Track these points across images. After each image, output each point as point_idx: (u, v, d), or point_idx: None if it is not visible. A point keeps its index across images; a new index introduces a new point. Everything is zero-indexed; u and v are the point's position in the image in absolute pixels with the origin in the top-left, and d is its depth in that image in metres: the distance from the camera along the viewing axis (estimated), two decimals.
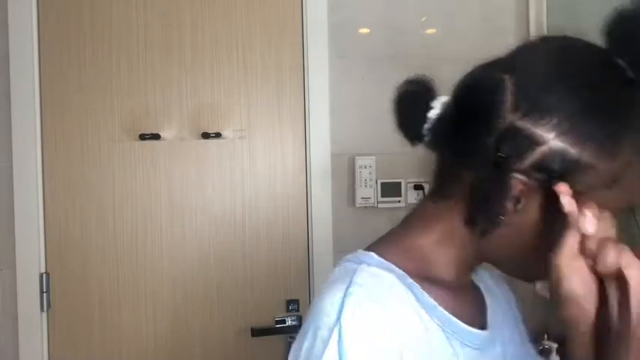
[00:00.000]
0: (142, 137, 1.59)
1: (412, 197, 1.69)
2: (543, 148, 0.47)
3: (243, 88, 1.65)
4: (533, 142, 0.47)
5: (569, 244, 0.45)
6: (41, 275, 1.54)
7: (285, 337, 1.64)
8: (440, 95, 0.54)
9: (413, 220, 0.59)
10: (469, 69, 0.55)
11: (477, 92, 0.50)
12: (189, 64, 1.62)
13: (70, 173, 1.57)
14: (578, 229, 0.45)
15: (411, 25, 1.73)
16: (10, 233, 1.52)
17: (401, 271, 0.52)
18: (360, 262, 0.53)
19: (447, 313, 0.52)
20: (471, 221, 0.53)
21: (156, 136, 1.60)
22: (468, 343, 0.53)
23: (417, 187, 1.68)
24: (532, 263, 0.52)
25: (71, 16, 1.58)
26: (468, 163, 0.51)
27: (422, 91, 0.55)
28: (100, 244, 1.58)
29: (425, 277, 0.53)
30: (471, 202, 0.52)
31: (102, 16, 1.59)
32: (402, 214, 0.62)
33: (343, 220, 1.68)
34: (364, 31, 1.72)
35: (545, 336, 1.51)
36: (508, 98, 0.48)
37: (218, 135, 1.63)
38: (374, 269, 0.51)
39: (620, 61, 0.48)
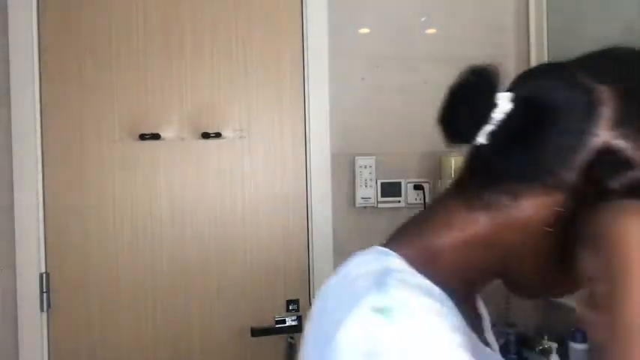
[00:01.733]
0: (142, 137, 1.59)
1: (412, 197, 1.69)
2: (637, 173, 0.42)
3: (243, 88, 1.65)
4: (630, 165, 0.42)
5: None
6: (41, 275, 1.54)
7: (285, 337, 1.64)
8: (503, 92, 0.46)
9: (436, 221, 0.50)
10: (534, 67, 0.50)
11: (568, 102, 0.44)
12: (189, 64, 1.62)
13: (70, 173, 1.57)
14: None
15: (411, 25, 1.73)
16: (10, 233, 1.52)
17: (438, 290, 0.44)
18: (387, 257, 0.47)
19: (468, 328, 0.47)
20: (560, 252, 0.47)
21: (156, 136, 1.60)
22: None
23: (417, 187, 1.68)
24: (553, 282, 0.49)
25: (71, 16, 1.58)
26: (538, 179, 0.45)
27: (486, 85, 0.45)
28: (100, 244, 1.58)
29: (444, 285, 0.46)
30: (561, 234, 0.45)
31: (102, 16, 1.59)
32: (402, 214, 0.60)
33: (343, 220, 1.68)
34: (364, 31, 1.72)
35: (545, 336, 1.51)
36: (606, 113, 0.43)
37: (218, 135, 1.63)
38: (404, 267, 0.45)
39: None
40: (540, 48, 1.68)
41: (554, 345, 1.47)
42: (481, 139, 0.45)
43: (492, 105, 0.44)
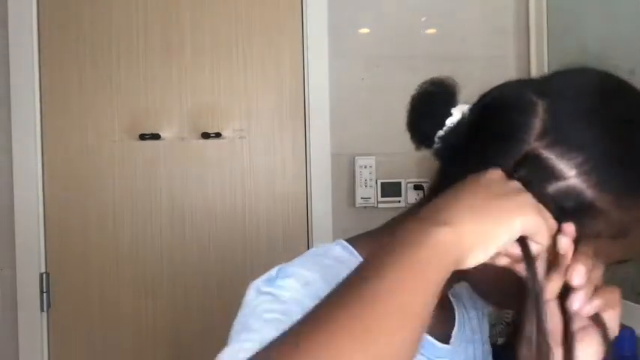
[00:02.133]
0: (142, 137, 1.59)
1: (412, 197, 1.69)
2: (561, 184, 0.44)
3: (243, 88, 1.65)
4: (553, 175, 0.45)
5: (553, 287, 0.42)
6: (41, 275, 1.54)
7: None
8: (461, 103, 0.51)
9: (397, 219, 0.58)
10: (501, 84, 0.53)
11: (505, 110, 0.48)
12: (189, 64, 1.62)
13: (70, 173, 1.57)
14: (565, 276, 0.42)
15: (411, 25, 1.73)
16: (10, 233, 1.52)
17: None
18: (333, 245, 0.56)
19: None
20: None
21: (156, 136, 1.60)
22: (425, 354, 0.53)
23: (417, 187, 1.68)
24: (506, 291, 0.48)
25: (71, 16, 1.58)
26: None
27: (443, 94, 0.52)
28: (100, 244, 1.58)
29: None
30: None
31: (102, 16, 1.59)
32: None
33: (343, 220, 1.68)
34: (364, 31, 1.72)
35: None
36: (537, 124, 0.46)
37: (218, 135, 1.63)
38: (344, 254, 0.54)
39: None
40: (540, 48, 1.68)
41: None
42: (436, 144, 0.51)
43: (447, 114, 0.50)
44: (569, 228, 0.43)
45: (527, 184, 0.43)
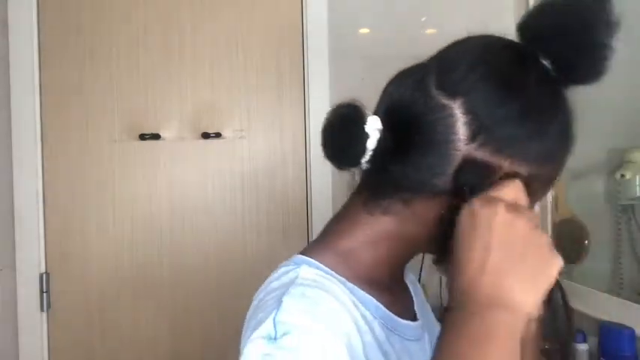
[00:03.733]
0: (142, 137, 1.59)
1: None
2: (499, 173, 0.49)
3: (243, 88, 1.65)
4: (493, 170, 0.49)
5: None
6: (41, 275, 1.54)
7: None
8: (370, 117, 0.52)
9: (345, 226, 0.60)
10: (400, 72, 0.57)
11: (422, 121, 0.50)
12: (189, 64, 1.62)
13: (70, 173, 1.57)
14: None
15: (411, 25, 1.73)
16: (10, 233, 1.52)
17: (341, 277, 0.54)
18: (299, 267, 0.55)
19: (387, 311, 0.56)
20: (435, 250, 0.56)
21: (156, 136, 1.60)
22: (408, 337, 0.58)
23: None
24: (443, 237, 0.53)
25: (71, 16, 1.58)
26: (419, 190, 0.52)
27: (355, 117, 0.52)
28: (100, 244, 1.58)
29: (362, 280, 0.56)
30: (438, 231, 0.53)
31: (102, 17, 1.59)
32: None
33: None
34: (364, 31, 1.72)
35: (546, 337, 1.51)
36: (461, 129, 0.49)
37: (218, 135, 1.63)
38: (314, 274, 0.54)
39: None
40: None
41: (555, 345, 1.47)
42: (363, 165, 0.52)
43: (364, 137, 0.51)
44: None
45: (472, 188, 0.48)
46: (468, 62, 0.52)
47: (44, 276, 1.55)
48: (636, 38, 1.31)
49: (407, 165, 0.51)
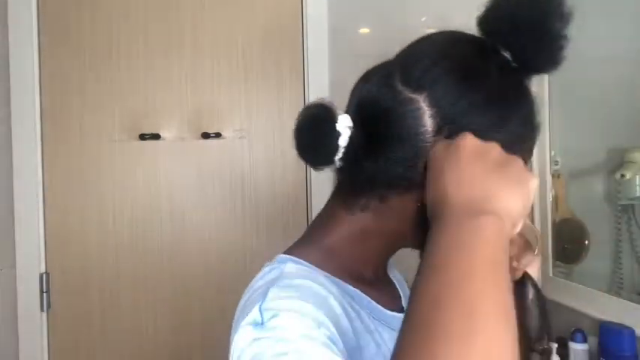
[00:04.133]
0: (142, 137, 1.59)
1: None
2: None
3: (243, 88, 1.65)
4: None
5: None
6: (41, 275, 1.54)
7: None
8: (340, 115, 0.53)
9: (326, 224, 0.60)
10: (368, 71, 0.58)
11: (391, 117, 0.51)
12: (189, 64, 1.62)
13: (70, 173, 1.57)
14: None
15: (411, 25, 1.73)
16: (10, 233, 1.52)
17: (326, 273, 0.55)
18: (284, 264, 0.55)
19: (374, 302, 0.58)
20: (418, 245, 0.55)
21: (156, 136, 1.60)
22: (395, 328, 0.57)
23: None
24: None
25: (71, 16, 1.58)
26: (393, 186, 0.53)
27: (326, 116, 0.53)
28: (100, 243, 1.58)
29: (347, 274, 0.57)
30: (415, 224, 0.54)
31: (102, 16, 1.59)
32: None
33: None
34: (364, 31, 1.72)
35: (546, 337, 1.51)
36: (429, 122, 0.50)
37: (218, 135, 1.63)
38: (299, 269, 0.54)
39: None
40: None
41: (554, 345, 1.47)
42: (337, 163, 0.53)
43: (336, 135, 0.52)
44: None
45: None
46: (431, 57, 0.53)
47: (44, 276, 1.55)
48: (636, 38, 1.31)
49: (379, 160, 0.51)
